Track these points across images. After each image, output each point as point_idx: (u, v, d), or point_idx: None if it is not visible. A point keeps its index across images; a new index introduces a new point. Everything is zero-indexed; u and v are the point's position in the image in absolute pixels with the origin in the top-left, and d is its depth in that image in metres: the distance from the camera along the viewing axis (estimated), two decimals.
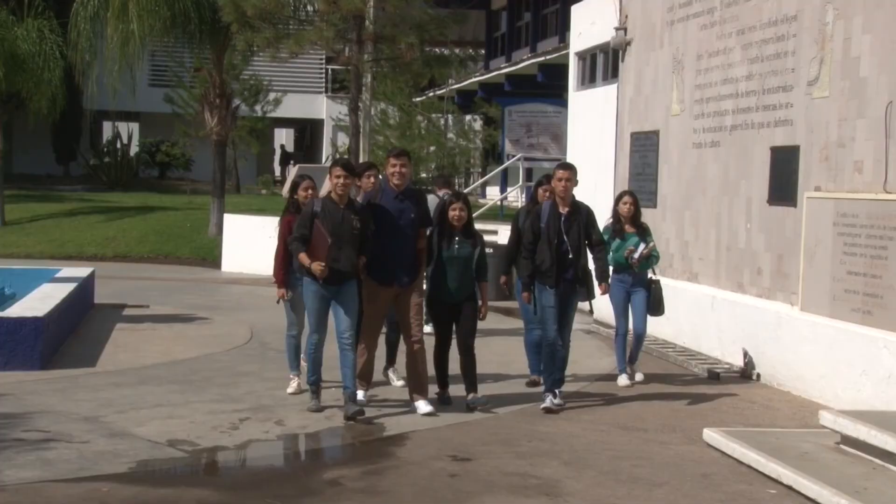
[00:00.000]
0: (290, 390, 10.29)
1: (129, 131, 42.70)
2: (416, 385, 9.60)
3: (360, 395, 9.61)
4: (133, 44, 23.50)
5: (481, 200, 29.11)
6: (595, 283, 9.95)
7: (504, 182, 29.40)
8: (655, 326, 12.34)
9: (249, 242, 22.05)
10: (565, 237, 9.61)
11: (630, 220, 11.19)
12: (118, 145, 40.89)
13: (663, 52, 14.62)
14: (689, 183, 13.81)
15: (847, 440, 8.19)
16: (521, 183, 25.57)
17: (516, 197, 26.76)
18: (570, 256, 9.63)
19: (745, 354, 11.65)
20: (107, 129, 43.38)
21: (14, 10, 26.57)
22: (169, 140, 42.22)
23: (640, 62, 15.44)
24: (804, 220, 10.99)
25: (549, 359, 9.77)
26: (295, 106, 44.38)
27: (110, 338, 13.34)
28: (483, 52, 36.27)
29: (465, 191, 27.43)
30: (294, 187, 10.45)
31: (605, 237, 10.60)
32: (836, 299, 10.42)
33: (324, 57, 42.00)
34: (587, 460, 8.14)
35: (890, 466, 7.67)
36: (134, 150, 42.68)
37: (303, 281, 9.43)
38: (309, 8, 24.48)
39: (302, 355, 10.32)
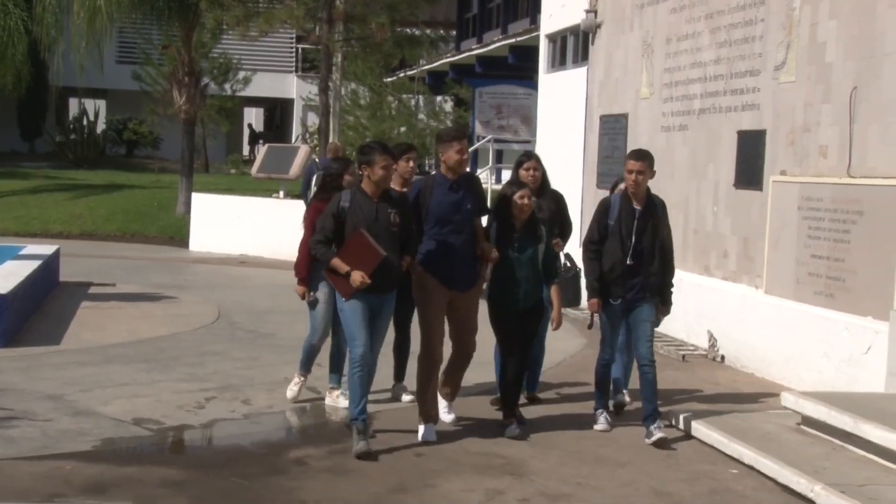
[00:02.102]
0: (289, 394, 9.21)
1: (96, 108, 42.42)
2: (453, 392, 8.54)
3: (444, 412, 8.45)
4: (100, 19, 23.36)
5: None
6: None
7: (474, 163, 29.36)
8: None
9: (218, 222, 22.04)
10: (634, 238, 8.24)
11: None
12: (85, 122, 40.71)
13: (633, 36, 14.68)
14: (657, 165, 13.85)
15: (808, 421, 8.32)
16: (490, 164, 25.62)
17: (486, 179, 26.79)
18: (642, 260, 8.26)
19: (711, 336, 11.78)
20: (73, 105, 43.11)
21: None
22: (136, 118, 42.12)
23: (610, 45, 15.50)
24: (770, 204, 11.10)
25: (603, 378, 8.56)
26: (265, 85, 44.27)
27: (75, 316, 13.28)
28: (454, 33, 36.22)
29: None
30: (338, 176, 8.94)
31: None
32: (800, 282, 10.55)
33: (294, 36, 41.96)
34: (552, 441, 8.23)
35: (849, 447, 7.80)
36: (101, 127, 42.47)
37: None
38: None
39: (342, 379, 9.03)
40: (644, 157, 8.43)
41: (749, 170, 11.67)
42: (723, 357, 11.62)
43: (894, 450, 7.31)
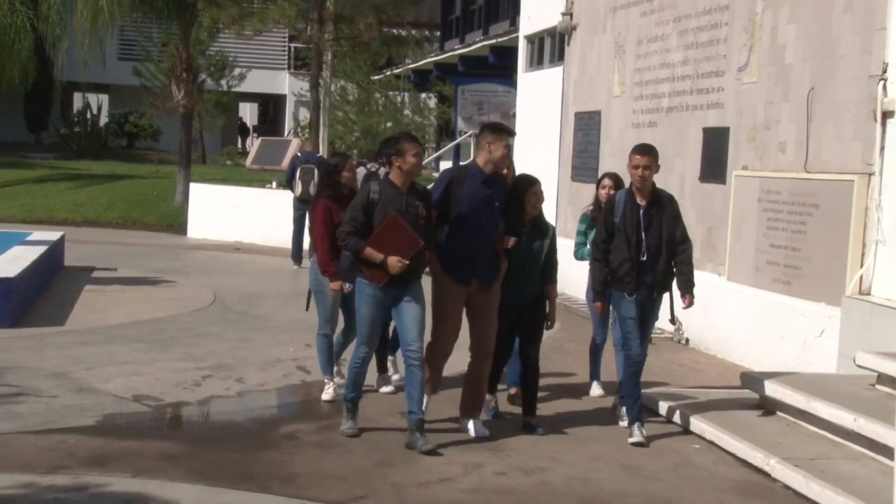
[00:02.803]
0: (325, 397, 8.64)
1: (99, 102, 42.15)
2: (474, 403, 7.88)
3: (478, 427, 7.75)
4: (102, 18, 23.22)
5: (435, 174, 29.12)
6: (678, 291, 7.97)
7: (457, 157, 29.40)
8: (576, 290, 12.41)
9: (214, 210, 22.02)
10: (643, 234, 7.73)
11: None
12: (88, 115, 40.48)
13: (606, 37, 14.73)
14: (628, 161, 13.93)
15: (765, 400, 8.40)
16: (472, 158, 25.59)
17: None
18: (649, 257, 7.77)
19: (676, 320, 11.82)
20: (77, 99, 42.86)
21: None
22: (137, 111, 41.95)
23: (584, 46, 15.55)
24: (732, 197, 11.17)
25: (633, 378, 7.90)
26: (259, 81, 44.16)
27: (79, 298, 13.28)
28: (438, 33, 36.15)
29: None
30: (335, 169, 8.59)
31: (583, 227, 9.04)
32: (759, 270, 10.64)
33: (286, 35, 41.76)
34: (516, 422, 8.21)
35: (802, 423, 7.89)
36: (103, 120, 42.21)
37: (356, 281, 7.49)
38: None
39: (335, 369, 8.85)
40: (649, 151, 7.90)
41: (713, 164, 11.74)
42: (687, 340, 11.70)
43: (843, 426, 7.40)
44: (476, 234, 7.51)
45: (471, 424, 7.74)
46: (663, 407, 8.57)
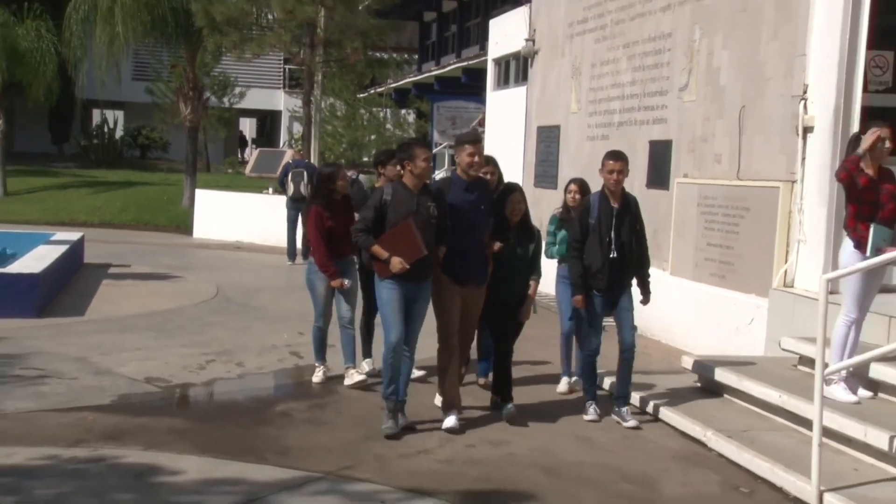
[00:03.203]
0: (315, 379, 8.60)
1: (115, 118, 42.04)
2: (455, 397, 7.48)
3: (452, 421, 7.30)
4: (118, 43, 23.15)
5: None
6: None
7: (434, 166, 29.42)
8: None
9: (217, 213, 21.93)
10: (612, 234, 7.50)
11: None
12: (105, 129, 40.42)
13: (564, 61, 14.76)
14: (583, 168, 13.91)
15: (703, 379, 8.46)
16: (446, 167, 25.63)
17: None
18: (621, 255, 7.53)
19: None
20: (96, 115, 42.64)
21: (15, 12, 26.19)
22: (149, 126, 41.79)
23: (545, 68, 15.57)
24: (674, 201, 11.22)
25: (590, 369, 7.85)
26: (257, 99, 44.09)
27: (97, 292, 13.22)
28: (416, 56, 36.14)
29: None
30: (330, 178, 8.40)
31: (552, 228, 8.71)
32: (698, 265, 10.69)
33: (282, 57, 41.52)
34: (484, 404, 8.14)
35: (735, 400, 7.95)
36: (119, 133, 42.14)
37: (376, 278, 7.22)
38: (269, 16, 24.35)
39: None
40: (622, 157, 7.69)
41: (658, 173, 11.78)
42: (635, 327, 11.70)
43: (770, 402, 7.47)
44: (467, 237, 7.29)
45: (450, 420, 7.29)
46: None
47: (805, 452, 6.25)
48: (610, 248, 7.47)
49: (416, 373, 8.25)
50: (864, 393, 7.09)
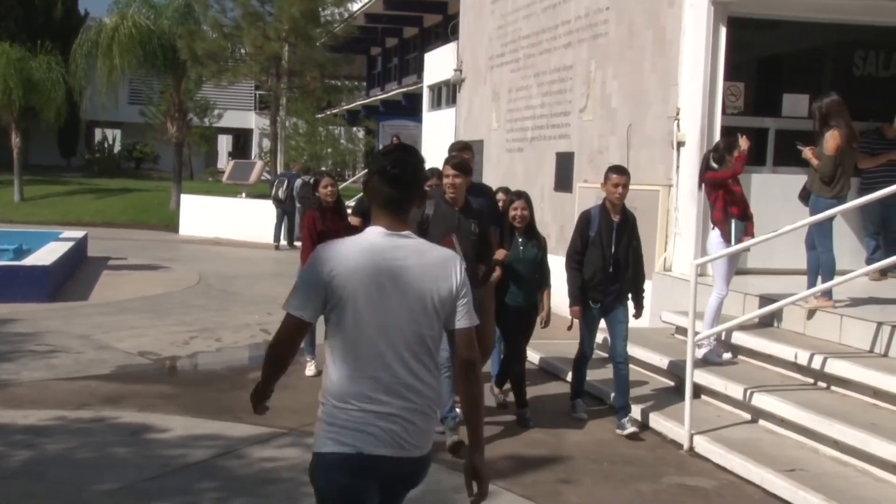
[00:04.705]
0: (308, 372, 7.72)
1: (114, 135, 41.34)
2: None
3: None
4: (116, 74, 23.01)
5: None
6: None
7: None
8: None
9: (199, 214, 21.61)
10: (613, 248, 6.49)
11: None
12: (106, 145, 39.84)
13: (486, 87, 14.78)
14: (503, 176, 14.00)
15: (601, 347, 8.50)
16: None
17: None
18: (616, 268, 6.51)
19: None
20: (98, 133, 41.87)
21: (30, 49, 26.05)
22: (142, 142, 41.06)
23: (470, 93, 15.58)
24: (577, 202, 11.29)
25: (582, 372, 6.90)
26: (232, 119, 43.52)
27: (99, 280, 12.98)
28: (365, 83, 35.99)
29: (350, 181, 27.38)
30: (314, 186, 7.81)
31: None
32: None
33: (253, 84, 41.04)
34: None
35: (631, 366, 7.98)
36: (117, 148, 41.42)
37: None
38: (242, 51, 24.30)
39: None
40: (625, 171, 6.60)
41: (563, 179, 11.85)
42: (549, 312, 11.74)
43: (655, 364, 7.58)
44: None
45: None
46: (531, 356, 8.51)
47: (679, 400, 6.35)
48: (609, 262, 6.46)
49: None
50: (727, 356, 7.22)
